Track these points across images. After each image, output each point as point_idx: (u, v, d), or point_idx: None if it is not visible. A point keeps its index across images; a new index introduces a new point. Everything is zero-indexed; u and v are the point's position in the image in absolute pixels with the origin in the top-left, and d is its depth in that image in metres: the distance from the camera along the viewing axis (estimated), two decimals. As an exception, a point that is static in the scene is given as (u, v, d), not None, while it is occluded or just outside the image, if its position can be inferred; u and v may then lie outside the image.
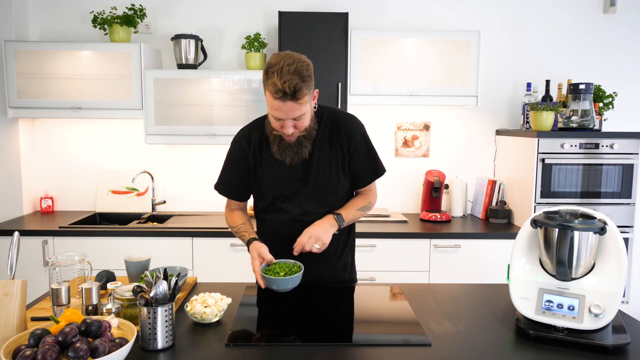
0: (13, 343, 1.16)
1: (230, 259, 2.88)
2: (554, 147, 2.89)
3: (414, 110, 3.45)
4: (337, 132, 1.78)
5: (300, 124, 1.65)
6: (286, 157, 1.72)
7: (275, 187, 1.78)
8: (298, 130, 1.66)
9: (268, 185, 1.79)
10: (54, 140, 3.42)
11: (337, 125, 1.78)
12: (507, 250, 2.81)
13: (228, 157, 1.86)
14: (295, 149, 1.70)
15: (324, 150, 1.77)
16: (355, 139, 1.78)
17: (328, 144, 1.77)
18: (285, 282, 1.58)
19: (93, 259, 1.84)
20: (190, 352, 1.32)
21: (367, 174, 1.84)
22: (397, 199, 3.50)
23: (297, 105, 1.57)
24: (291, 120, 1.61)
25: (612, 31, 3.41)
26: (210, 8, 3.37)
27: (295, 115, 1.60)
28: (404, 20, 3.38)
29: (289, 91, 1.53)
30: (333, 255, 1.86)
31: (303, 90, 1.55)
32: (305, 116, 1.63)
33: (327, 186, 1.78)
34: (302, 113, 1.60)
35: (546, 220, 1.43)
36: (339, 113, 1.83)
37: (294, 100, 1.55)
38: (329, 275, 1.87)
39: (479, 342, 1.39)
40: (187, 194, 3.46)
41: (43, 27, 3.35)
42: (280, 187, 1.78)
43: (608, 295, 1.36)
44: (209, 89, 3.06)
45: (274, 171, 1.77)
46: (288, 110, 1.58)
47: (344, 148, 1.78)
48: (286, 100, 1.55)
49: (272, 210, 1.82)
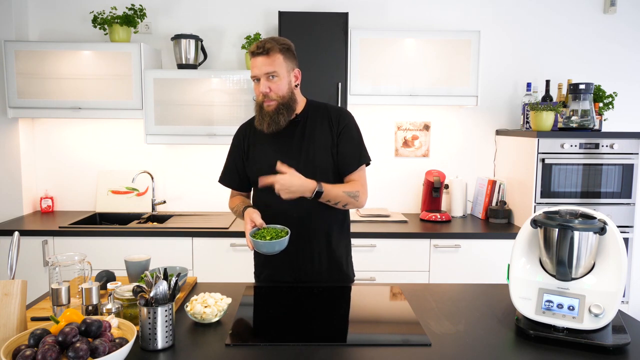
0: (13, 343, 1.16)
1: (230, 259, 2.88)
2: (554, 147, 2.89)
3: (414, 110, 3.45)
4: (328, 116, 1.89)
5: (275, 86, 1.78)
6: (264, 124, 1.81)
7: (266, 165, 1.81)
8: (274, 93, 1.78)
9: (259, 165, 1.86)
10: (54, 140, 3.42)
11: (328, 111, 1.90)
12: (507, 250, 2.80)
13: (229, 150, 2.00)
14: (273, 116, 1.79)
15: (315, 132, 1.87)
16: (344, 122, 1.88)
17: (320, 127, 1.87)
18: (271, 245, 1.65)
19: (93, 259, 1.84)
20: (190, 352, 1.32)
21: (352, 158, 1.87)
22: (397, 199, 3.50)
23: (268, 60, 1.75)
24: (265, 78, 1.77)
25: (612, 31, 3.41)
26: (210, 8, 3.37)
27: (268, 71, 1.76)
28: (404, 20, 3.38)
29: (261, 47, 1.75)
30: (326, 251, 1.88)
31: (274, 48, 1.76)
32: (280, 80, 1.78)
33: (316, 164, 1.82)
34: (274, 70, 1.76)
35: (546, 220, 1.43)
36: (333, 105, 1.96)
37: (265, 55, 1.75)
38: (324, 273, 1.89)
39: (479, 342, 1.39)
40: (187, 194, 3.46)
41: (43, 27, 3.35)
42: (271, 165, 1.79)
43: (608, 295, 1.36)
44: (209, 89, 3.06)
45: (265, 151, 1.87)
46: (261, 65, 1.76)
47: (332, 130, 1.86)
48: (259, 55, 1.76)
49: (264, 196, 1.85)
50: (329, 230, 1.88)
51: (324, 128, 1.86)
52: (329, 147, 1.85)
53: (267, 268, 1.92)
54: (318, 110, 1.90)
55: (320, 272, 1.88)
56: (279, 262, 1.86)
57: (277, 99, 1.78)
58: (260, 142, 1.89)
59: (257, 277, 1.98)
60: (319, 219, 1.85)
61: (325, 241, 1.87)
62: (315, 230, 1.85)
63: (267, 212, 1.80)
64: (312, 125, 1.87)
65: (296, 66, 1.85)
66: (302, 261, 1.86)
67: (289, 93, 1.81)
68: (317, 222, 1.85)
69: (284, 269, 1.87)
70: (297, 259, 1.86)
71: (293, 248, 1.78)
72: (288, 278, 1.87)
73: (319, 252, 1.87)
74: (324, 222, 1.86)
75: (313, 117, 1.88)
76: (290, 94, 1.82)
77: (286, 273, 1.87)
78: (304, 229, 1.83)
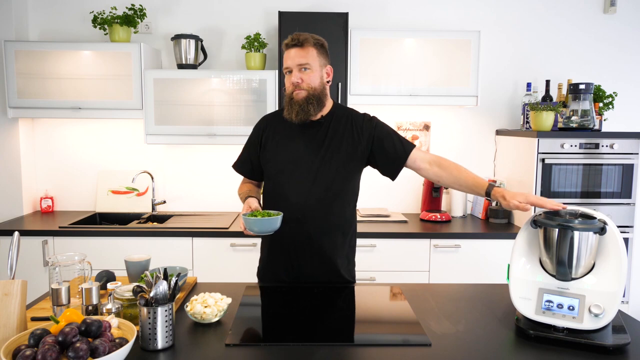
0: (13, 343, 1.16)
1: (230, 259, 2.88)
2: (554, 147, 2.89)
3: (414, 110, 3.45)
4: (352, 121, 1.88)
5: (307, 77, 1.78)
6: (292, 113, 1.80)
7: (281, 161, 1.85)
8: (305, 83, 1.78)
9: (275, 159, 1.87)
10: (54, 140, 3.42)
11: (353, 117, 1.90)
12: (507, 250, 2.80)
13: (248, 139, 2.00)
14: (302, 104, 1.79)
15: (337, 135, 1.85)
16: (377, 130, 1.86)
17: (342, 131, 1.85)
18: (261, 222, 1.67)
19: (93, 259, 1.84)
20: (190, 352, 1.32)
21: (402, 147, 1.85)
22: (397, 199, 3.50)
23: (302, 52, 1.78)
24: (298, 69, 1.78)
25: (612, 31, 3.41)
26: (210, 8, 3.37)
27: (301, 62, 1.77)
28: (404, 20, 3.38)
29: (296, 39, 1.78)
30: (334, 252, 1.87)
31: (309, 41, 1.78)
32: (312, 72, 1.79)
33: (333, 167, 1.81)
34: (307, 62, 1.78)
35: (546, 220, 1.43)
36: (357, 111, 1.95)
37: (300, 47, 1.78)
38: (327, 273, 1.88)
39: (479, 342, 1.39)
40: (187, 194, 3.46)
41: (43, 27, 3.35)
42: (286, 161, 1.83)
43: (608, 295, 1.36)
44: (209, 89, 3.06)
45: (284, 146, 1.87)
46: (294, 57, 1.78)
47: (356, 136, 1.85)
48: (293, 47, 1.78)
49: (273, 190, 1.87)
50: (337, 230, 1.87)
51: (349, 133, 1.85)
52: (352, 152, 1.84)
53: (270, 264, 1.92)
54: (344, 114, 1.90)
55: (322, 273, 1.87)
56: (282, 259, 1.87)
57: (308, 89, 1.79)
58: (280, 136, 1.89)
59: (260, 272, 1.98)
60: (331, 217, 1.84)
61: (320, 243, 1.85)
62: (312, 233, 1.83)
63: (278, 206, 1.81)
64: (337, 128, 1.86)
65: (329, 63, 1.87)
66: (304, 259, 1.85)
67: (321, 87, 1.82)
68: (317, 225, 1.83)
69: (287, 265, 1.87)
70: (301, 257, 1.85)
71: (290, 245, 1.82)
72: (287, 276, 1.87)
73: (325, 252, 1.85)
74: (334, 222, 1.85)
75: (338, 120, 1.87)
76: (321, 88, 1.82)
77: (289, 269, 1.87)
78: (303, 229, 1.82)
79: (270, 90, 3.05)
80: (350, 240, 1.94)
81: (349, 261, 1.95)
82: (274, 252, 1.89)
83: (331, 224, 1.85)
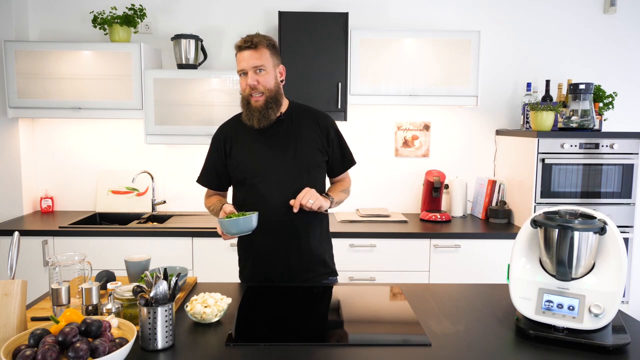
0: (13, 343, 1.16)
1: (230, 259, 2.87)
2: (554, 147, 2.89)
3: (414, 110, 3.45)
4: (314, 118, 1.94)
5: (263, 79, 1.81)
6: (254, 120, 1.83)
7: (252, 163, 1.87)
8: (262, 85, 1.80)
9: (245, 163, 1.88)
10: (54, 140, 3.42)
11: (314, 114, 1.96)
12: (507, 250, 2.79)
13: (208, 151, 2.02)
14: (262, 110, 1.82)
15: (302, 131, 1.90)
16: (331, 127, 1.95)
17: (306, 127, 1.91)
18: (236, 222, 1.68)
19: (93, 259, 1.84)
20: (190, 352, 1.32)
21: (342, 162, 2.01)
22: (397, 199, 3.49)
23: (256, 54, 1.79)
24: (253, 71, 1.80)
25: (612, 31, 3.41)
26: (210, 8, 3.37)
27: (256, 64, 1.79)
28: (404, 20, 3.38)
29: (249, 41, 1.79)
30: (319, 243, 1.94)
31: (262, 43, 1.80)
32: (267, 73, 1.81)
33: (304, 161, 1.86)
34: (262, 63, 1.79)
35: (546, 220, 1.43)
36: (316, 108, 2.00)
37: (254, 49, 1.79)
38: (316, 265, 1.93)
39: (479, 342, 1.39)
40: (187, 194, 3.46)
41: (43, 27, 3.35)
42: (257, 163, 1.87)
43: (608, 295, 1.36)
44: (209, 89, 3.06)
45: (251, 149, 1.89)
46: (249, 59, 1.79)
47: (321, 133, 1.92)
48: (246, 49, 1.79)
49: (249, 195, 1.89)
50: (312, 227, 1.91)
51: (311, 128, 1.91)
52: (317, 146, 1.90)
53: (250, 262, 1.95)
54: (302, 110, 1.96)
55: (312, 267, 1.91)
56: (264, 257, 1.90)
57: (265, 92, 1.82)
58: (244, 140, 1.91)
59: (241, 272, 2.00)
60: (303, 217, 1.85)
61: (307, 237, 1.89)
62: (299, 227, 1.87)
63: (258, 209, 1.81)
64: (298, 123, 1.91)
65: (280, 62, 1.90)
66: (287, 256, 1.88)
67: (276, 87, 1.85)
68: (300, 219, 1.85)
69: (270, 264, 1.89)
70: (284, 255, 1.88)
71: (279, 244, 1.86)
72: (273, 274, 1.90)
73: (303, 248, 1.89)
74: (307, 220, 1.88)
75: (298, 116, 1.93)
76: (277, 88, 1.86)
77: (271, 268, 1.89)
78: (288, 226, 1.86)
79: (270, 90, 3.05)
80: (327, 230, 2.02)
81: (329, 249, 2.03)
82: (260, 255, 1.91)
83: (313, 215, 1.88)
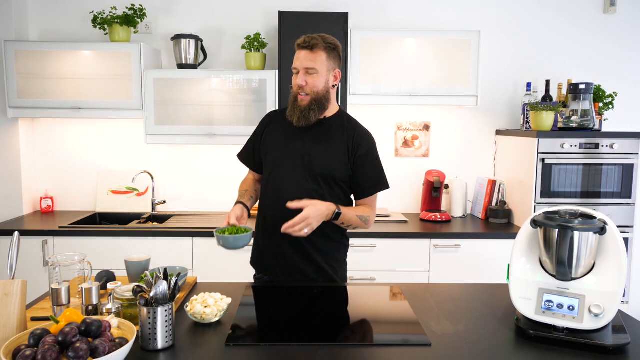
0: (13, 343, 1.16)
1: (230, 259, 2.88)
2: (554, 147, 2.89)
3: (414, 110, 3.45)
4: (352, 131, 1.90)
5: (312, 81, 1.81)
6: (294, 117, 1.85)
7: (273, 152, 1.91)
8: (309, 87, 1.81)
9: (268, 149, 1.93)
10: (54, 140, 3.42)
11: (354, 129, 1.91)
12: (507, 250, 2.80)
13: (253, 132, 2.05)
14: (304, 110, 1.84)
15: (332, 141, 1.88)
16: (366, 145, 1.90)
17: (338, 138, 1.88)
18: (226, 239, 1.72)
19: (93, 259, 1.84)
20: (190, 352, 1.32)
21: (372, 183, 1.93)
22: (397, 199, 3.49)
23: (311, 55, 1.80)
24: (304, 72, 1.81)
25: (612, 31, 3.41)
26: (210, 8, 3.37)
27: (308, 66, 1.80)
28: (404, 20, 3.38)
29: (307, 42, 1.80)
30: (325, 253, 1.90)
31: (319, 46, 1.80)
32: (319, 76, 1.82)
33: (318, 170, 1.84)
34: (314, 66, 1.80)
35: (546, 220, 1.43)
36: (359, 124, 1.97)
37: (309, 50, 1.80)
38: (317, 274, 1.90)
39: (479, 342, 1.39)
40: (187, 194, 3.46)
41: (43, 27, 3.35)
42: (280, 153, 1.89)
43: (608, 295, 1.36)
44: (209, 89, 3.06)
45: (279, 138, 1.92)
46: (303, 59, 1.81)
47: (350, 149, 1.88)
48: (303, 49, 1.81)
49: (267, 183, 1.91)
50: (328, 231, 1.88)
51: (342, 140, 1.88)
52: (341, 158, 1.87)
53: (262, 260, 1.96)
54: (347, 121, 1.93)
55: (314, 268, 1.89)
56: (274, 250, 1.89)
57: (311, 94, 1.82)
58: (279, 131, 1.93)
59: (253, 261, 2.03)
60: None
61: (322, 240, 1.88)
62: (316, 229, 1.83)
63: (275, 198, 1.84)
64: (333, 131, 1.89)
65: (338, 67, 1.89)
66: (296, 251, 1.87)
67: (324, 91, 1.85)
68: None
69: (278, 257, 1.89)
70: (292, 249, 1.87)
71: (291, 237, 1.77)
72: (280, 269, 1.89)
73: (316, 252, 1.87)
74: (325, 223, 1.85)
75: (339, 125, 1.91)
76: (325, 92, 1.85)
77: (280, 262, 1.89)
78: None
79: (270, 90, 3.05)
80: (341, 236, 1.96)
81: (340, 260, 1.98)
82: (267, 244, 1.92)
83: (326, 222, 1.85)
